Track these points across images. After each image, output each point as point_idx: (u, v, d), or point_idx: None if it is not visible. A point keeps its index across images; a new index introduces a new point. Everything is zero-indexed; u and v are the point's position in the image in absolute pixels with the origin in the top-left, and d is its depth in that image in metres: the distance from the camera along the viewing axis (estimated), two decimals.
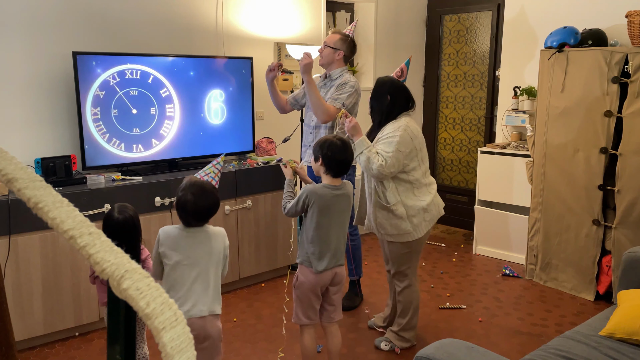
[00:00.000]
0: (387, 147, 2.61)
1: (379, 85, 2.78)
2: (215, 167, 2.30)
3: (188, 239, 2.10)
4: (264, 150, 4.07)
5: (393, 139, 2.61)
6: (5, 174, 0.70)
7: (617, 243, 3.46)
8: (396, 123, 2.68)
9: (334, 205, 2.39)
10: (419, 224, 2.72)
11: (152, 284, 0.64)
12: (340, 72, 3.34)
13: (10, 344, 1.12)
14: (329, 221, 2.38)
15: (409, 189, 2.70)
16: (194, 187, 2.08)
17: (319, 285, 2.42)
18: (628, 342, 2.09)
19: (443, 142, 5.44)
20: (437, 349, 1.74)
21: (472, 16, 5.08)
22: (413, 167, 2.69)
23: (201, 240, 2.11)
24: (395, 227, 2.71)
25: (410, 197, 2.70)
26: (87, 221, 0.69)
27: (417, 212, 2.70)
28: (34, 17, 3.14)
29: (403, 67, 3.12)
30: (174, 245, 2.09)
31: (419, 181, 2.72)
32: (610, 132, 3.44)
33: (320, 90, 3.38)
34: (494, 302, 3.59)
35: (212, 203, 2.10)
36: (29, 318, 2.88)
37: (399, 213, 2.69)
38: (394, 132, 2.63)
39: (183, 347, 0.60)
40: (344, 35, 3.32)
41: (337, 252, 2.44)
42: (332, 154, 2.35)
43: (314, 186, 2.41)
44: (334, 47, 3.31)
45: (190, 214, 2.07)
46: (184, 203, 2.06)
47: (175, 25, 3.75)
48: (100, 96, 3.24)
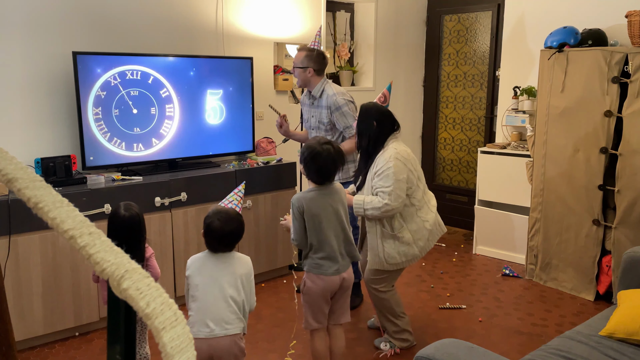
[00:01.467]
0: (385, 181, 2.62)
1: (365, 112, 2.78)
2: (237, 195, 2.37)
3: (213, 262, 2.15)
4: (264, 150, 4.08)
5: (388, 171, 2.62)
6: (5, 174, 0.70)
7: (617, 243, 3.46)
8: (385, 153, 2.68)
9: (327, 205, 2.38)
10: (424, 246, 2.77)
11: (152, 284, 0.64)
12: (321, 87, 3.32)
13: (10, 344, 1.12)
14: (324, 222, 2.36)
15: (413, 212, 2.72)
16: (220, 213, 2.14)
17: (328, 291, 2.40)
18: (628, 342, 2.09)
19: (443, 142, 5.44)
20: (437, 349, 1.74)
21: (472, 16, 5.08)
22: (413, 190, 2.71)
23: (226, 262, 2.15)
24: (404, 255, 2.72)
25: (415, 221, 2.72)
26: (87, 221, 0.69)
27: (422, 235, 2.74)
28: (34, 17, 3.15)
29: (385, 92, 3.13)
30: (199, 269, 2.14)
31: (420, 201, 2.75)
32: (610, 132, 3.44)
33: (310, 110, 3.41)
34: (494, 302, 3.59)
35: (238, 228, 2.16)
36: (29, 318, 2.88)
37: (406, 239, 2.70)
38: (386, 164, 2.63)
39: (183, 347, 0.60)
40: (309, 51, 3.28)
41: (344, 252, 2.42)
42: (314, 162, 2.35)
43: (299, 193, 2.42)
44: (301, 66, 3.29)
45: (217, 239, 2.13)
46: (211, 229, 2.12)
47: (175, 25, 3.75)
48: (101, 96, 3.24)
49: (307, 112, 3.46)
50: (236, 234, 2.16)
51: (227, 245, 2.16)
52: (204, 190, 3.46)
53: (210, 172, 3.55)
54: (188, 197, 3.38)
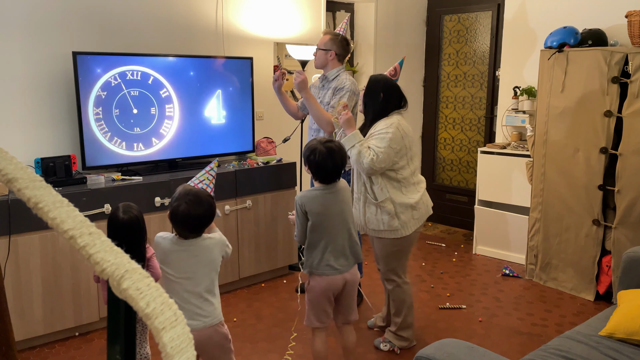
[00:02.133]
0: (379, 142, 2.63)
1: (373, 83, 2.79)
2: (209, 173, 2.18)
3: (180, 253, 2.01)
4: (264, 150, 4.08)
5: (386, 135, 2.63)
6: (5, 174, 0.70)
7: (617, 243, 3.46)
8: (388, 120, 2.71)
9: (330, 205, 2.37)
10: (407, 222, 2.73)
11: (152, 284, 0.64)
12: (337, 73, 3.33)
13: (10, 344, 1.12)
14: (328, 221, 2.36)
15: (397, 187, 2.72)
16: (188, 195, 1.99)
17: (331, 291, 2.39)
18: (628, 342, 2.09)
19: (443, 142, 5.44)
20: (437, 349, 1.74)
21: (472, 16, 5.08)
22: (402, 166, 2.71)
23: (195, 253, 2.02)
24: (383, 223, 2.73)
25: (399, 195, 2.72)
26: (87, 221, 0.69)
27: (405, 209, 2.72)
28: (34, 17, 3.15)
29: (397, 66, 3.13)
30: (164, 258, 2.02)
31: (407, 180, 2.74)
32: (610, 132, 3.44)
33: (319, 92, 3.39)
34: (494, 302, 3.59)
35: (207, 211, 2.00)
36: (29, 318, 2.88)
37: (388, 209, 2.70)
38: (387, 128, 2.65)
39: (183, 347, 0.60)
40: (334, 35, 3.30)
41: (348, 252, 2.41)
42: (317, 161, 2.33)
43: (303, 192, 2.40)
44: (324, 48, 3.30)
45: (182, 225, 1.98)
46: (177, 213, 1.97)
47: (175, 25, 3.75)
48: (102, 96, 3.24)
49: (315, 95, 3.44)
50: (205, 218, 1.99)
51: (194, 231, 2.00)
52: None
53: None
54: None
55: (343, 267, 2.39)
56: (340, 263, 2.38)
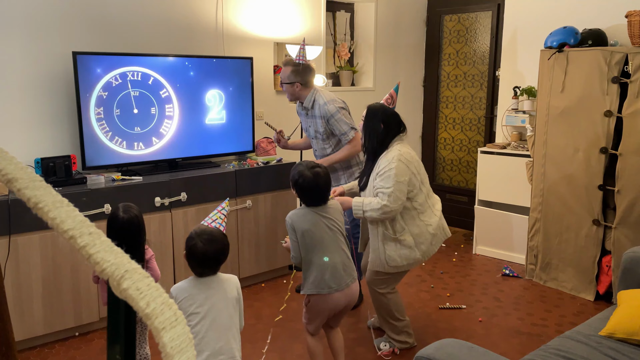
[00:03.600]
0: (386, 182, 2.61)
1: (372, 113, 2.77)
2: (221, 212, 2.27)
3: (200, 287, 2.03)
4: (264, 150, 4.08)
5: (389, 172, 2.61)
6: (5, 174, 0.70)
7: (617, 243, 3.46)
8: (389, 154, 2.67)
9: (320, 220, 2.35)
10: (427, 250, 2.74)
11: (152, 284, 0.64)
12: (311, 98, 3.31)
13: (10, 344, 1.12)
14: (320, 238, 2.33)
15: (414, 215, 2.70)
16: (203, 235, 2.03)
17: (332, 311, 2.38)
18: (628, 342, 2.09)
19: (443, 142, 5.44)
20: (437, 349, 1.74)
21: (472, 16, 5.08)
22: (415, 193, 2.69)
23: (213, 287, 2.05)
24: (405, 258, 2.70)
25: (417, 224, 2.70)
26: (87, 221, 0.69)
27: (424, 239, 2.71)
28: (34, 17, 3.15)
29: (392, 93, 3.12)
30: (188, 297, 2.02)
31: (423, 205, 2.73)
32: (610, 132, 3.44)
33: (307, 119, 3.40)
34: (494, 302, 3.59)
35: (222, 249, 2.05)
36: (29, 318, 2.88)
37: (408, 243, 2.68)
38: (389, 165, 2.63)
39: (183, 347, 0.60)
40: (294, 66, 3.27)
41: (344, 269, 2.37)
42: (303, 186, 2.35)
43: (292, 211, 2.40)
44: (288, 82, 3.30)
45: (200, 262, 2.02)
46: (194, 252, 2.01)
47: (175, 25, 3.75)
48: (103, 97, 3.25)
49: (305, 122, 3.46)
50: (220, 255, 2.05)
51: (211, 267, 2.05)
52: (204, 190, 3.46)
53: (210, 172, 3.55)
54: (188, 197, 3.38)
55: (342, 284, 2.35)
56: (339, 280, 2.34)
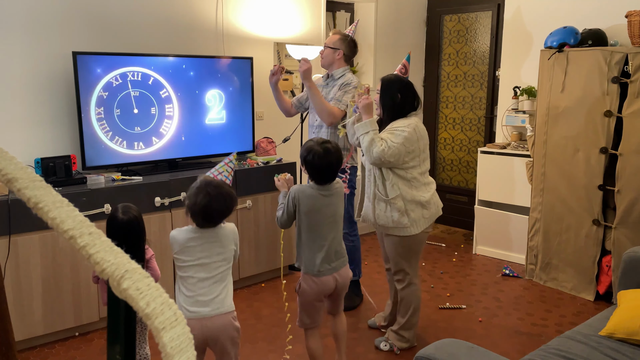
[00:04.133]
0: (394, 137, 2.63)
1: (388, 83, 2.77)
2: (228, 165, 2.22)
3: (196, 240, 2.03)
4: (264, 150, 4.07)
5: (402, 132, 2.63)
6: (5, 174, 0.70)
7: (617, 243, 3.45)
8: (407, 120, 2.71)
9: (324, 206, 2.38)
10: (417, 219, 2.73)
11: (152, 284, 0.64)
12: (342, 72, 3.36)
13: (10, 344, 1.12)
14: (321, 221, 2.37)
15: (409, 185, 2.73)
16: (209, 186, 1.98)
17: (322, 293, 2.42)
18: (628, 342, 2.09)
19: (443, 142, 5.44)
20: (437, 349, 1.74)
21: (472, 16, 5.08)
22: (412, 166, 2.71)
23: (210, 240, 2.04)
24: (392, 220, 2.72)
25: (410, 193, 2.72)
26: (87, 221, 0.69)
27: (415, 206, 2.72)
28: (34, 17, 3.14)
29: (405, 63, 3.13)
30: (180, 249, 2.04)
31: (417, 180, 2.74)
32: (610, 132, 3.44)
33: (322, 90, 3.40)
34: (494, 302, 3.59)
35: (227, 204, 2.00)
36: (29, 318, 2.87)
37: (398, 206, 2.70)
38: (404, 127, 2.65)
39: (183, 347, 0.60)
40: (344, 35, 3.35)
41: (336, 253, 2.43)
42: (313, 162, 2.33)
43: (300, 186, 2.39)
44: (333, 47, 3.34)
45: (202, 215, 1.98)
46: (197, 203, 1.96)
47: (175, 25, 3.75)
48: (103, 97, 3.25)
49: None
50: (225, 210, 2.00)
51: (213, 221, 2.01)
52: None
53: None
54: None
55: (333, 268, 2.41)
56: (331, 264, 2.40)
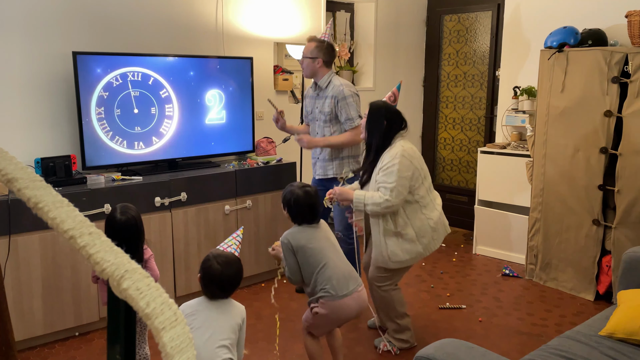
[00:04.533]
0: (388, 177, 2.63)
1: (375, 110, 2.79)
2: (236, 239, 2.31)
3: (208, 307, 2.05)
4: (264, 150, 4.07)
5: (392, 167, 2.63)
6: (5, 174, 0.70)
7: (617, 243, 3.45)
8: (392, 150, 2.70)
9: (315, 235, 2.40)
10: (428, 244, 2.75)
11: (152, 284, 0.64)
12: (328, 79, 3.35)
13: (10, 344, 1.12)
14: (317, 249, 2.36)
15: (417, 208, 2.72)
16: (219, 257, 2.06)
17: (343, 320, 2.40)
18: (628, 342, 2.09)
19: (443, 142, 5.44)
20: (437, 349, 1.74)
21: (472, 16, 5.08)
22: (417, 187, 2.71)
23: (220, 308, 2.06)
24: (408, 252, 2.71)
25: (419, 218, 2.71)
26: (87, 221, 0.69)
27: (425, 232, 2.73)
28: (34, 17, 3.14)
29: (395, 91, 3.14)
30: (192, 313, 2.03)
31: (425, 198, 2.74)
32: (610, 132, 3.44)
33: (316, 102, 3.42)
34: (494, 302, 3.59)
35: (237, 273, 2.07)
36: (29, 318, 2.87)
37: (409, 236, 2.69)
38: (392, 160, 2.65)
39: (183, 347, 0.60)
40: (319, 42, 3.32)
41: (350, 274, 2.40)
42: (296, 206, 2.39)
43: (286, 232, 2.43)
44: (311, 56, 3.32)
45: (215, 284, 2.03)
46: (210, 272, 2.02)
47: (175, 25, 3.75)
48: (104, 97, 3.25)
49: (311, 104, 3.47)
50: (235, 279, 2.07)
51: (225, 290, 2.06)
52: (204, 190, 3.46)
53: (210, 172, 3.55)
54: (188, 197, 3.38)
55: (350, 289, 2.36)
56: (346, 286, 2.36)
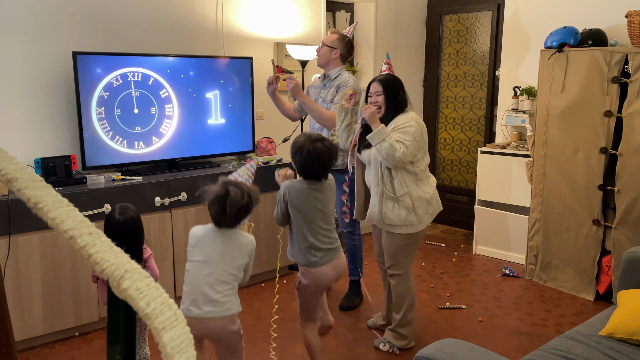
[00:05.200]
0: (405, 135, 2.69)
1: (392, 82, 2.86)
2: (249, 170, 2.28)
3: (210, 237, 2.06)
4: (264, 150, 4.07)
5: (409, 128, 2.70)
6: (5, 174, 0.70)
7: (617, 243, 3.45)
8: (407, 115, 2.79)
9: (315, 199, 2.37)
10: (422, 216, 2.78)
11: (152, 284, 0.64)
12: (339, 72, 3.35)
13: (10, 344, 1.12)
14: (312, 214, 2.37)
15: (415, 180, 2.77)
16: (229, 184, 2.03)
17: (322, 286, 2.43)
18: (628, 342, 2.09)
19: (443, 142, 5.44)
20: (437, 349, 1.74)
21: (472, 16, 5.08)
22: (419, 159, 2.77)
23: (224, 241, 2.06)
24: (400, 218, 2.76)
25: (416, 190, 2.76)
26: (87, 221, 0.69)
27: (421, 203, 2.77)
28: (34, 17, 3.14)
29: (388, 61, 3.15)
30: (194, 243, 2.08)
31: (423, 173, 2.80)
32: (610, 132, 3.44)
33: (320, 91, 3.41)
34: (494, 302, 3.59)
35: (248, 202, 2.04)
36: (29, 318, 2.87)
37: (406, 204, 2.74)
38: (409, 122, 2.72)
39: (183, 347, 0.60)
40: (342, 35, 3.35)
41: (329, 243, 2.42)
42: (302, 161, 2.35)
43: (291, 181, 2.40)
44: (330, 45, 3.34)
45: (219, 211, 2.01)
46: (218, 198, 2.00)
47: (175, 25, 3.75)
48: (104, 97, 3.25)
49: (315, 94, 3.46)
50: (246, 208, 2.04)
51: (234, 219, 2.04)
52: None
53: (210, 172, 3.55)
54: (188, 197, 3.37)
55: (330, 256, 2.41)
56: (325, 252, 2.40)
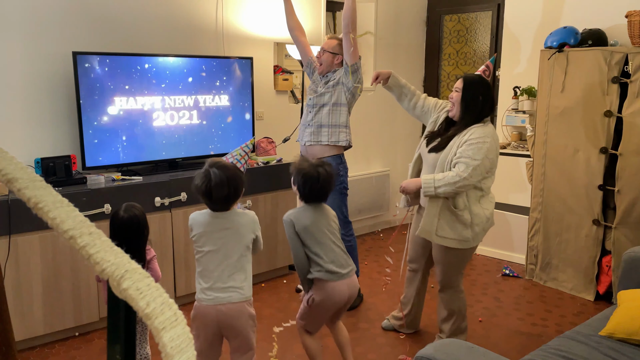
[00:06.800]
0: (475, 153, 2.46)
1: (472, 84, 2.60)
2: (243, 149, 2.25)
3: (212, 225, 2.09)
4: (264, 150, 4.07)
5: (483, 144, 2.47)
6: (5, 174, 0.70)
7: (617, 243, 3.46)
8: (485, 129, 2.54)
9: (318, 218, 2.37)
10: (479, 233, 2.63)
11: (152, 284, 0.64)
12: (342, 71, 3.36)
13: (10, 344, 1.12)
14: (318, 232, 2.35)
15: (479, 197, 2.60)
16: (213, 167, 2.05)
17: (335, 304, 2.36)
18: (628, 342, 2.09)
19: None
20: (437, 349, 1.74)
21: (472, 16, 5.08)
22: (487, 177, 2.59)
23: (226, 226, 2.09)
24: (455, 232, 2.60)
25: (477, 205, 2.60)
26: (87, 221, 0.69)
27: (480, 220, 2.60)
28: (34, 17, 3.14)
29: (489, 64, 2.99)
30: (199, 232, 2.11)
31: (489, 190, 2.64)
32: (610, 132, 3.44)
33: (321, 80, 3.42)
34: (494, 302, 3.59)
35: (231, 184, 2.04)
36: (29, 318, 2.87)
37: (464, 219, 2.58)
38: (484, 137, 2.49)
39: (183, 347, 0.60)
40: (341, 40, 3.34)
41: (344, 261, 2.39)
42: (305, 185, 2.35)
43: (291, 211, 2.40)
44: (332, 52, 3.33)
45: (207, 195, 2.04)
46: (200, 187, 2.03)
47: (175, 25, 3.75)
48: (105, 97, 3.24)
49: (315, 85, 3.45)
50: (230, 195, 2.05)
51: (224, 203, 2.07)
52: None
53: None
54: (188, 197, 3.37)
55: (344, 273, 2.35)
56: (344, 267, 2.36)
